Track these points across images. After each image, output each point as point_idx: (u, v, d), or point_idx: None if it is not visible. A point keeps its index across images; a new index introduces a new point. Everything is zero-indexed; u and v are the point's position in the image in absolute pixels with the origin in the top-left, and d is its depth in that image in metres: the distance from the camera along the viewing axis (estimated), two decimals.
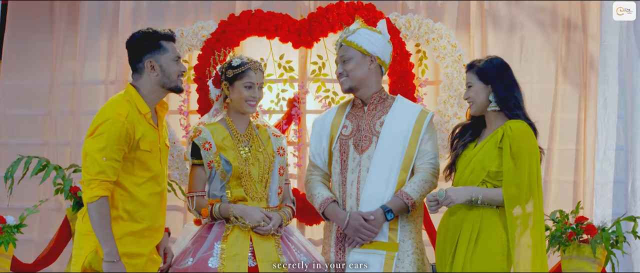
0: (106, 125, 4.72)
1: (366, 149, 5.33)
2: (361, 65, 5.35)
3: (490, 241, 4.94)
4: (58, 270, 7.19)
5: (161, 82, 4.91)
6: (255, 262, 5.04)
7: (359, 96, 5.44)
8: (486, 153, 5.04)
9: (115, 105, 4.81)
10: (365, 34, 5.39)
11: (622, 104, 7.38)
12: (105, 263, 4.69)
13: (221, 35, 7.13)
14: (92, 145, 4.70)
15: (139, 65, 4.90)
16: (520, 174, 4.94)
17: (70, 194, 6.65)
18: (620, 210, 7.21)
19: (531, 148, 5.00)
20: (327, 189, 5.45)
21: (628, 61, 7.35)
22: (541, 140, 7.17)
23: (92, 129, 4.74)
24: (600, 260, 6.37)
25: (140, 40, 4.93)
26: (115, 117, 4.74)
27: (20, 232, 6.53)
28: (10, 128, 7.62)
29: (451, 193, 4.97)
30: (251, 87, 5.27)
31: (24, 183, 6.90)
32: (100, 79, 7.55)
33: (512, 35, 7.47)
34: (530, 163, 4.96)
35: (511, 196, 4.92)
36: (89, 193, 4.69)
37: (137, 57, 4.91)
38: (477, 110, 5.18)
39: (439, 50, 7.09)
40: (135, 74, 4.93)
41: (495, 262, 4.92)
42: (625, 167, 7.38)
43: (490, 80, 5.12)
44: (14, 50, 7.65)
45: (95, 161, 4.68)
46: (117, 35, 7.49)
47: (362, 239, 5.20)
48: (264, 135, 5.42)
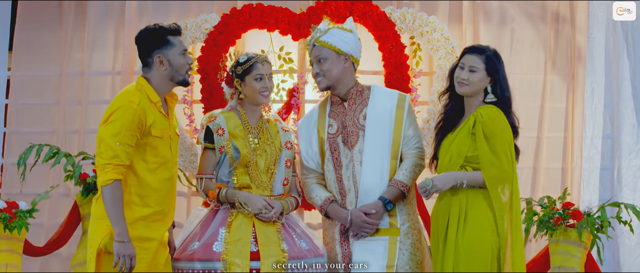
0: (119, 112, 4.84)
1: (355, 144, 5.41)
2: (336, 64, 5.40)
3: (478, 218, 5.03)
4: (67, 253, 7.35)
5: (170, 76, 5.01)
6: (257, 247, 5.15)
7: (336, 93, 5.50)
8: (461, 140, 5.10)
9: (127, 94, 4.94)
10: (337, 33, 5.42)
11: (609, 94, 7.50)
12: (115, 243, 4.78)
13: (224, 28, 7.24)
14: (106, 131, 4.82)
15: (149, 59, 5.01)
16: (497, 156, 5.01)
17: (79, 180, 6.75)
18: (606, 196, 7.35)
19: (503, 131, 5.06)
20: (324, 189, 5.52)
21: (614, 53, 7.47)
22: (530, 128, 7.40)
23: (105, 117, 4.87)
24: (586, 244, 6.51)
25: (149, 36, 5.02)
26: (128, 104, 4.86)
27: (32, 216, 6.64)
28: (21, 117, 7.68)
29: (437, 182, 5.04)
30: (261, 79, 5.39)
31: (34, 170, 6.98)
32: (108, 70, 7.65)
33: (503, 27, 7.57)
34: (503, 145, 5.03)
35: (491, 176, 5.00)
36: (103, 176, 4.78)
37: (146, 52, 5.02)
38: (467, 92, 5.18)
39: (432, 43, 7.20)
40: (145, 67, 5.05)
41: (485, 236, 5.01)
42: (611, 155, 7.51)
43: (494, 73, 5.17)
44: (24, 42, 7.71)
45: (109, 146, 4.79)
46: (124, 28, 7.59)
47: (366, 233, 5.32)
48: (273, 129, 5.53)
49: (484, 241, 5.01)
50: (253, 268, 5.10)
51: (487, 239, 5.01)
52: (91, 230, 4.93)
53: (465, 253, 5.02)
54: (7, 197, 7.01)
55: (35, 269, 7.49)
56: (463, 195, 5.11)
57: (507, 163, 5.04)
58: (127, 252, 4.82)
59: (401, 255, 5.35)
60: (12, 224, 6.47)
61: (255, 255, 5.14)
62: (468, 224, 5.06)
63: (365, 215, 5.31)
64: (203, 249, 5.17)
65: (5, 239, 6.53)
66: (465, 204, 5.09)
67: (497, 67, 5.17)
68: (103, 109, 7.41)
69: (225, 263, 5.08)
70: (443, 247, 5.13)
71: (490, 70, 5.16)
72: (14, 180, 7.49)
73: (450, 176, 5.09)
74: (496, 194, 5.03)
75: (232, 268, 5.08)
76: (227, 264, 5.08)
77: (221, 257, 5.10)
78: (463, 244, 5.03)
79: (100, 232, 4.85)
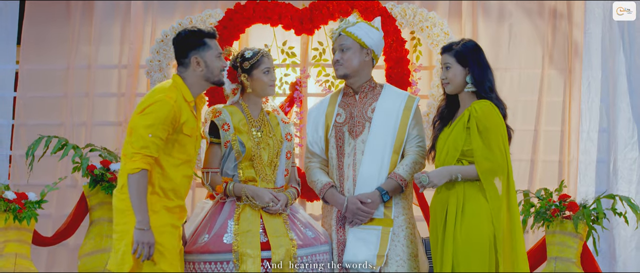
0: (156, 105, 4.92)
1: (360, 134, 5.53)
2: (358, 56, 5.55)
3: (475, 209, 5.12)
4: (75, 243, 7.44)
5: (205, 77, 5.12)
6: (267, 238, 5.25)
7: (350, 84, 5.63)
8: (457, 134, 5.19)
9: (165, 90, 5.02)
10: (365, 28, 5.57)
11: (605, 89, 7.56)
12: (136, 231, 4.86)
13: (228, 22, 7.31)
14: (140, 121, 4.89)
15: (185, 60, 5.10)
16: (490, 150, 5.09)
17: (87, 172, 6.79)
18: (602, 188, 7.41)
19: (497, 125, 5.13)
20: (325, 175, 5.64)
21: (610, 48, 7.52)
22: (528, 121, 7.47)
23: (141, 108, 4.94)
24: (582, 235, 6.58)
25: (187, 37, 5.12)
26: (166, 99, 4.94)
27: (41, 207, 6.70)
28: (29, 109, 7.79)
29: (433, 177, 5.13)
30: (269, 72, 5.50)
31: (42, 161, 7.05)
32: (114, 63, 7.76)
33: (501, 23, 7.64)
34: (496, 139, 5.10)
35: (485, 170, 5.09)
36: (131, 165, 4.86)
37: (183, 53, 5.11)
38: (452, 90, 5.30)
39: (432, 38, 7.25)
40: (181, 67, 5.13)
41: (482, 228, 5.09)
42: (607, 148, 7.57)
43: (468, 63, 5.25)
44: (32, 36, 7.83)
45: (141, 136, 4.86)
46: (129, 23, 7.67)
47: (361, 220, 5.42)
48: (273, 121, 5.62)
49: (482, 233, 5.09)
50: (264, 258, 5.19)
51: (484, 231, 5.09)
52: (119, 223, 4.97)
53: (463, 246, 5.10)
54: (15, 188, 7.07)
55: (43, 259, 7.57)
56: (460, 188, 5.20)
57: (500, 156, 5.11)
58: (146, 240, 4.89)
59: (393, 246, 5.45)
60: (22, 215, 6.53)
61: (265, 246, 5.24)
62: (466, 217, 5.14)
63: (362, 203, 5.42)
64: (214, 241, 5.25)
65: (14, 229, 6.59)
66: (463, 197, 5.17)
67: (469, 57, 5.27)
68: (110, 102, 7.71)
69: (237, 254, 5.17)
70: (442, 239, 5.20)
71: (462, 62, 5.26)
72: (22, 171, 7.57)
73: (445, 171, 5.18)
74: (490, 187, 5.11)
75: (244, 259, 5.17)
76: (239, 255, 5.17)
77: (232, 248, 5.18)
78: (461, 237, 5.11)
79: (131, 223, 4.89)
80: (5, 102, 7.85)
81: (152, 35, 7.73)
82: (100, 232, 6.85)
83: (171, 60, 7.46)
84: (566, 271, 6.59)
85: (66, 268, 7.62)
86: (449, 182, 5.20)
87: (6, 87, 7.85)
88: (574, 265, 6.61)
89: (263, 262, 5.20)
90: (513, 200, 5.17)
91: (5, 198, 6.57)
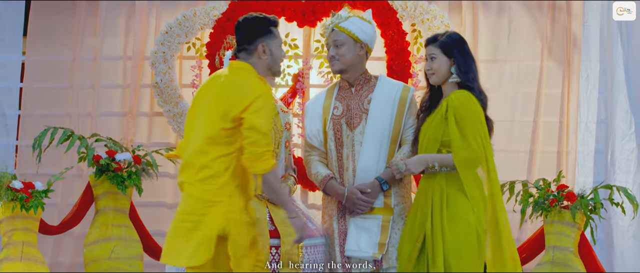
0: (263, 99, 4.75)
1: (357, 125, 5.53)
2: (352, 50, 5.52)
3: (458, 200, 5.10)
4: (80, 232, 7.50)
5: (269, 66, 4.95)
6: (274, 226, 5.32)
7: (346, 78, 5.62)
8: (436, 125, 5.18)
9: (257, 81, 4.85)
10: (357, 22, 5.55)
11: (603, 80, 7.60)
12: (293, 220, 4.85)
13: (231, 14, 7.38)
14: (257, 119, 4.70)
15: (250, 47, 4.91)
16: (466, 140, 5.08)
17: (93, 162, 6.85)
18: (600, 179, 7.43)
19: (473, 115, 5.11)
20: (324, 167, 5.64)
21: (609, 41, 7.56)
22: (527, 113, 7.53)
23: (247, 103, 4.71)
24: (580, 224, 6.65)
25: (254, 23, 4.94)
26: (267, 92, 4.81)
27: (47, 196, 6.74)
28: (35, 100, 7.83)
29: (410, 165, 5.14)
30: None
31: (47, 151, 7.05)
32: (119, 55, 7.82)
33: (501, 15, 7.69)
34: (472, 128, 5.08)
35: (461, 159, 5.07)
36: (265, 164, 4.70)
37: (250, 39, 4.91)
38: (437, 80, 5.27)
39: (433, 30, 7.29)
40: (244, 53, 4.94)
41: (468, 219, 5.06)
42: (605, 139, 7.61)
43: (453, 54, 5.24)
44: (38, 27, 7.85)
45: (264, 134, 4.69)
46: (135, 14, 7.73)
47: (361, 210, 5.44)
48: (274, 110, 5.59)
49: (469, 226, 5.08)
50: (273, 246, 5.26)
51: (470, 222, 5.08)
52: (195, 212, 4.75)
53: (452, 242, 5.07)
54: (22, 177, 7.12)
55: (49, 247, 7.62)
56: (443, 178, 5.19)
57: (477, 146, 5.10)
58: (301, 225, 4.92)
59: (393, 234, 5.47)
60: (29, 204, 6.59)
61: (273, 233, 5.30)
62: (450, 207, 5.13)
63: (361, 193, 5.45)
64: None
65: (21, 218, 6.68)
66: (446, 186, 5.17)
67: (454, 48, 5.27)
68: (115, 93, 7.80)
69: None
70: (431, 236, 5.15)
71: (447, 53, 5.26)
72: (28, 161, 7.62)
73: (422, 159, 5.20)
74: (466, 176, 5.09)
75: None
76: None
77: None
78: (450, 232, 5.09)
79: (217, 214, 4.72)
80: (11, 93, 7.87)
81: (156, 27, 7.78)
82: (105, 221, 6.94)
83: (176, 52, 7.55)
84: (564, 260, 6.65)
85: (72, 257, 7.70)
86: (431, 174, 5.21)
87: (13, 78, 7.88)
88: (571, 254, 6.68)
89: (270, 249, 5.25)
90: (495, 191, 5.14)
91: (13, 188, 6.63)
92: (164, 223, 7.64)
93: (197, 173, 4.75)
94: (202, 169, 4.73)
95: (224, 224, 4.68)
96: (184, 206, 4.80)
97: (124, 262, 6.89)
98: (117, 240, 6.90)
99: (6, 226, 6.71)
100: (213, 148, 4.73)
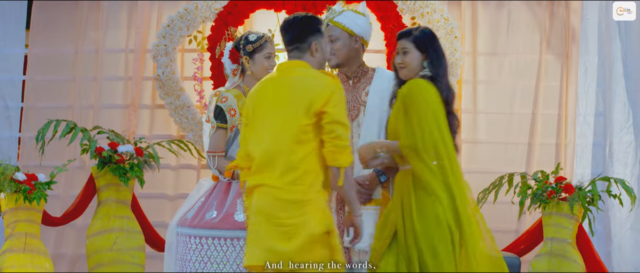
0: (340, 92, 4.73)
1: (355, 118, 5.53)
2: (348, 45, 5.51)
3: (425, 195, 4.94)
4: (83, 223, 7.53)
5: (320, 63, 4.92)
6: None
7: (344, 72, 5.61)
8: (394, 115, 5.10)
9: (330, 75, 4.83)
10: (351, 16, 5.54)
11: (601, 74, 7.64)
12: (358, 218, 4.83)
13: (233, 8, 7.44)
14: (339, 112, 4.69)
15: (303, 45, 4.85)
16: (410, 127, 4.93)
17: (95, 154, 6.87)
18: (598, 171, 7.49)
19: (422, 102, 4.96)
20: None
21: (607, 34, 7.61)
22: (526, 105, 7.57)
23: (327, 97, 4.69)
24: (578, 216, 6.71)
25: (306, 22, 4.89)
26: (340, 85, 4.78)
27: (50, 188, 6.78)
28: (38, 92, 7.89)
29: (361, 151, 5.12)
30: (270, 57, 5.52)
31: (50, 143, 7.09)
32: (121, 48, 7.88)
33: (500, 9, 7.73)
34: (419, 116, 4.93)
35: (404, 146, 4.94)
36: (348, 157, 4.69)
37: (302, 37, 4.85)
38: (407, 74, 5.15)
39: (432, 23, 7.38)
40: (297, 51, 4.87)
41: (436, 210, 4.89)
42: (603, 131, 7.66)
43: (426, 49, 5.16)
44: (41, 20, 7.89)
45: (346, 127, 4.70)
46: (137, 8, 7.78)
47: (360, 201, 5.34)
48: None
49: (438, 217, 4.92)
50: None
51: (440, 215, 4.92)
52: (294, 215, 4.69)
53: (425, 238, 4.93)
54: (25, 169, 7.13)
55: (52, 238, 7.68)
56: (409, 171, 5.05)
57: (421, 134, 4.92)
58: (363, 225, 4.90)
59: None
60: (32, 195, 6.63)
61: None
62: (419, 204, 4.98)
63: (359, 185, 5.43)
64: (224, 218, 5.30)
65: (25, 209, 6.72)
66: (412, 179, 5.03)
67: (428, 43, 5.20)
68: (117, 85, 7.85)
69: None
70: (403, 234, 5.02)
71: (420, 48, 5.17)
72: (31, 153, 7.67)
73: (370, 146, 5.14)
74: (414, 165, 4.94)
75: None
76: None
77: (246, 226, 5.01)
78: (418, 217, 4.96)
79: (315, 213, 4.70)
80: (14, 85, 7.93)
81: (158, 20, 7.83)
82: (107, 213, 6.99)
83: (177, 45, 7.60)
84: (562, 252, 6.71)
85: (74, 248, 7.77)
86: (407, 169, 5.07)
87: (15, 71, 7.94)
88: (569, 245, 6.74)
89: None
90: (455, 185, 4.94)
91: (16, 180, 6.66)
92: (166, 214, 7.69)
93: (283, 175, 4.68)
94: (290, 170, 4.68)
95: (325, 220, 4.70)
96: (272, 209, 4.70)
97: (126, 253, 6.94)
98: (119, 232, 6.95)
99: (9, 217, 6.75)
100: (300, 147, 4.69)
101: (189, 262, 5.31)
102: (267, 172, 4.69)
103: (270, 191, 4.68)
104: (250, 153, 4.76)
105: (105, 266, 6.91)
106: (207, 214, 5.37)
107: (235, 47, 5.61)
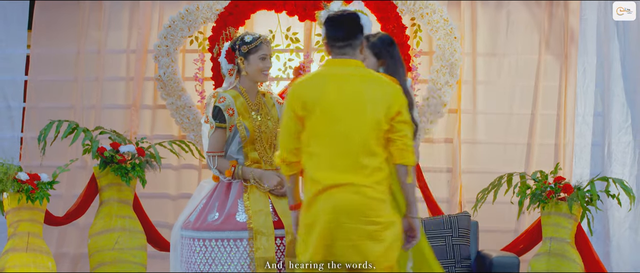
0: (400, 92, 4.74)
1: None
2: None
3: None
4: (85, 223, 7.54)
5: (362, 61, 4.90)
6: (278, 217, 5.30)
7: None
8: None
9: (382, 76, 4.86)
10: None
11: (600, 74, 7.67)
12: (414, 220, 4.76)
13: (234, 9, 7.46)
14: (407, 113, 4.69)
15: (356, 42, 4.79)
16: None
17: (97, 154, 6.90)
18: (597, 171, 7.50)
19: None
20: None
21: (605, 35, 7.62)
22: (525, 105, 7.59)
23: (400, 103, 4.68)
24: (576, 216, 6.74)
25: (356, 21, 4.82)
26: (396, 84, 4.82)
27: (52, 188, 6.82)
28: (40, 92, 7.91)
29: None
30: (265, 59, 5.46)
31: (52, 144, 7.13)
32: (123, 48, 7.89)
33: (499, 10, 7.74)
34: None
35: None
36: (414, 156, 4.69)
37: (355, 34, 4.78)
38: None
39: (432, 24, 7.42)
40: (349, 48, 4.78)
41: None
42: (602, 132, 7.68)
43: (382, 55, 5.19)
44: (43, 21, 7.92)
45: (412, 127, 4.71)
46: (138, 8, 7.80)
47: None
48: (269, 102, 5.62)
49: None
50: (277, 236, 5.26)
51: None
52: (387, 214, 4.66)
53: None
54: (27, 169, 7.15)
55: (54, 238, 7.69)
56: None
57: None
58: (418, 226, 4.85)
59: None
60: (34, 195, 6.66)
61: (276, 224, 5.30)
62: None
63: None
64: (226, 220, 5.30)
65: (27, 209, 6.74)
66: None
67: (384, 50, 5.22)
68: (118, 86, 7.88)
69: (252, 232, 5.22)
70: None
71: (377, 54, 5.21)
72: (33, 153, 7.68)
73: None
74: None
75: (258, 236, 5.23)
76: (254, 232, 5.22)
77: (247, 226, 5.23)
78: None
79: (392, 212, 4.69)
80: (16, 85, 7.95)
81: (159, 20, 7.84)
82: (109, 212, 7.01)
83: (179, 45, 7.62)
84: (561, 251, 6.73)
85: (76, 247, 7.79)
86: None
87: (17, 71, 7.96)
88: (568, 245, 6.77)
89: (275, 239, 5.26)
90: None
91: (19, 179, 6.69)
92: (167, 214, 7.72)
93: (371, 175, 4.62)
94: (376, 171, 4.63)
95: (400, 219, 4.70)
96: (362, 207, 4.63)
97: (127, 252, 6.96)
98: (121, 231, 6.98)
99: (12, 217, 6.78)
100: (380, 149, 4.66)
101: (194, 264, 5.32)
102: (355, 173, 4.62)
103: (360, 190, 4.58)
104: (313, 149, 4.69)
105: (107, 265, 6.93)
106: (209, 216, 5.37)
107: (231, 47, 5.61)
